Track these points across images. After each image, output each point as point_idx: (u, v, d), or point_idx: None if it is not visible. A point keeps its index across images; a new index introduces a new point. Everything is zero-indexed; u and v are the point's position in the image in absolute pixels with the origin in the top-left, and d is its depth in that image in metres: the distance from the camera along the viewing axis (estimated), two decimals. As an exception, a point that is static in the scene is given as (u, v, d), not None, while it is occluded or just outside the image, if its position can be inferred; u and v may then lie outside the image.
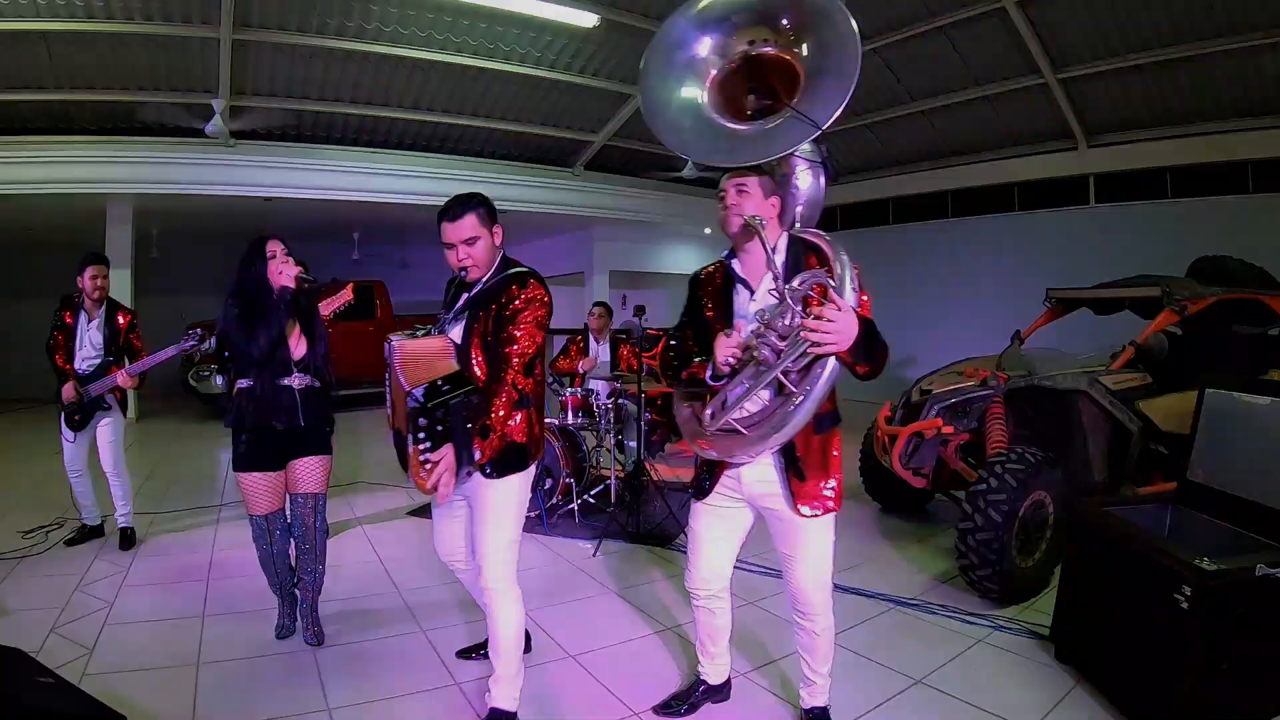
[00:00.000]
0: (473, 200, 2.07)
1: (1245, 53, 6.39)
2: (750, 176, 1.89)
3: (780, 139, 1.93)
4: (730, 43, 2.09)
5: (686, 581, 2.14)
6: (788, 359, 1.70)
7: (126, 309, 3.78)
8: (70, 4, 5.79)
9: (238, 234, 11.20)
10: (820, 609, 1.97)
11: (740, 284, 1.96)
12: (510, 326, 1.96)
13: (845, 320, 1.63)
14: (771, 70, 2.07)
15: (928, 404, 3.84)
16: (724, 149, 2.04)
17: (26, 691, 1.72)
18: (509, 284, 2.02)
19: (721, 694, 2.29)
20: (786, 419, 1.73)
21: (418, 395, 1.84)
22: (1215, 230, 6.90)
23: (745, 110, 2.13)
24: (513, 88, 7.98)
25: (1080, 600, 2.54)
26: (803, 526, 1.90)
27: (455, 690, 2.35)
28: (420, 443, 1.85)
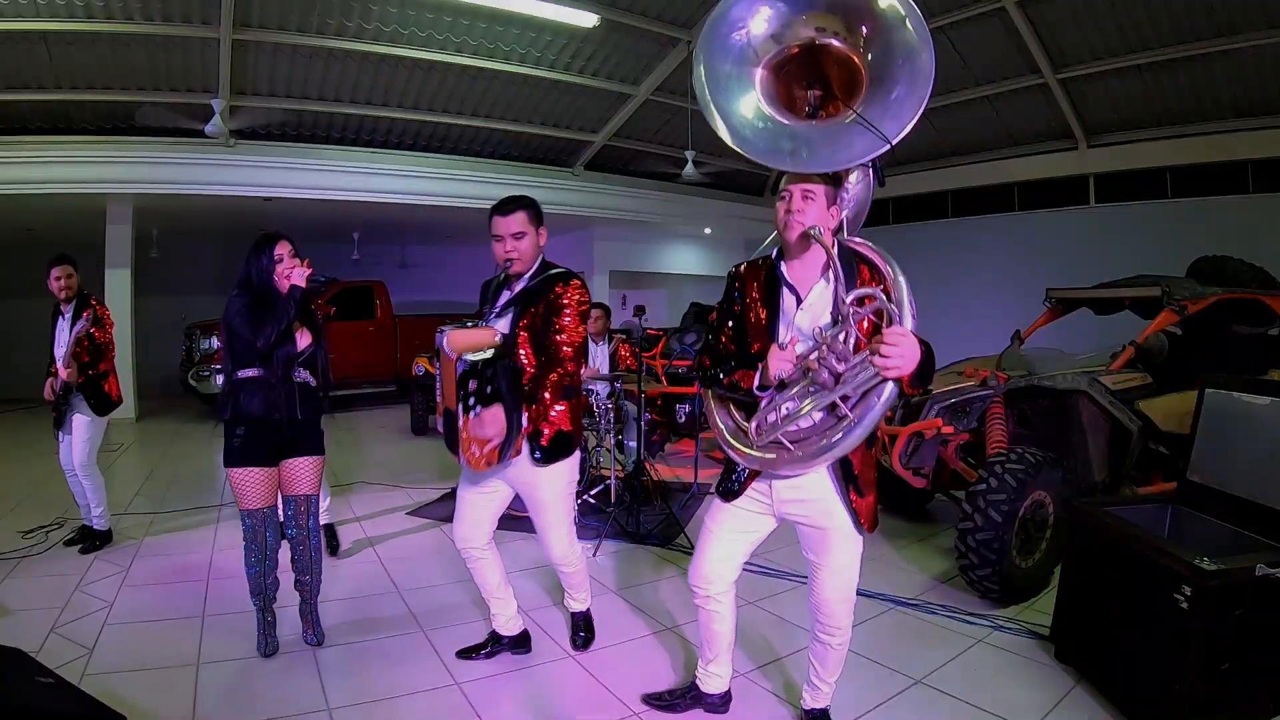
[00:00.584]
0: (524, 200, 2.29)
1: (1245, 53, 6.40)
2: (819, 183, 1.82)
3: (846, 149, 1.82)
4: (795, 24, 1.93)
5: (690, 576, 2.07)
6: (848, 385, 1.66)
7: (96, 300, 3.68)
8: (70, 4, 5.80)
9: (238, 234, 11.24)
10: (843, 622, 1.95)
11: (788, 289, 1.87)
12: (557, 319, 2.17)
13: (909, 345, 1.59)
14: (831, 66, 1.95)
15: (928, 404, 3.83)
16: (785, 150, 1.90)
17: (26, 691, 1.72)
18: (554, 282, 2.24)
19: (719, 707, 2.21)
20: (839, 441, 1.69)
21: (467, 359, 1.99)
22: (1215, 230, 6.90)
23: (800, 104, 2.01)
24: (513, 88, 7.98)
25: (1080, 600, 2.54)
26: (841, 539, 1.87)
27: (455, 690, 2.35)
28: (470, 409, 2.02)
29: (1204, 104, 7.19)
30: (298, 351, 2.58)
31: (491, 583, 2.51)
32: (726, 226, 11.58)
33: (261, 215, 8.91)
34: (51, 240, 9.66)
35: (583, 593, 2.66)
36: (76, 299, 3.61)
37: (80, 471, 3.64)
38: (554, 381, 2.14)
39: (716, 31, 2.00)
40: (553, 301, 2.21)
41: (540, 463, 2.23)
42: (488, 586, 2.51)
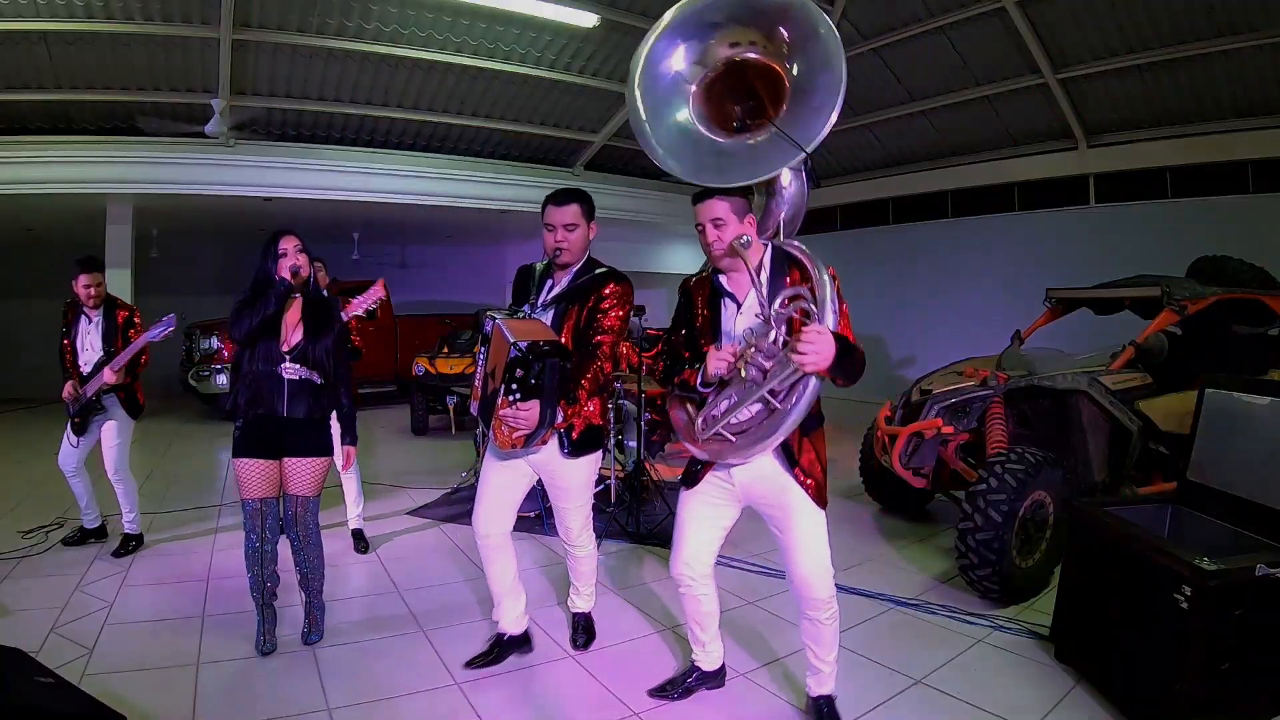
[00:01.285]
0: (579, 193, 2.32)
1: (1245, 53, 6.39)
2: (721, 204, 1.97)
3: (767, 159, 1.96)
4: (711, 47, 2.09)
5: (671, 569, 2.20)
6: (774, 379, 1.81)
7: (125, 304, 3.73)
8: (70, 4, 5.79)
9: (238, 234, 11.26)
10: (825, 594, 2.01)
11: (727, 297, 2.04)
12: (602, 318, 2.22)
13: (823, 342, 1.72)
14: (757, 78, 2.07)
15: (928, 404, 3.84)
16: (712, 167, 2.07)
17: (26, 691, 1.72)
18: (603, 281, 2.27)
19: (716, 680, 2.35)
20: (773, 430, 1.84)
21: (521, 346, 1.99)
22: (1215, 230, 6.89)
23: (732, 120, 2.14)
24: (513, 88, 7.97)
25: (1080, 600, 2.54)
26: (802, 512, 1.97)
27: (455, 690, 2.35)
28: (511, 392, 2.03)
29: (1204, 104, 7.18)
30: (281, 346, 2.55)
31: (505, 579, 2.52)
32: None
33: (261, 215, 8.90)
34: (51, 240, 9.68)
35: (588, 589, 2.69)
36: (105, 302, 3.62)
37: (116, 476, 3.61)
38: (590, 379, 2.17)
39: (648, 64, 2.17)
40: (600, 300, 2.24)
41: (569, 455, 2.29)
42: (502, 582, 2.52)
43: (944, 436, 3.76)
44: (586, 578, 2.66)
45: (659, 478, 4.85)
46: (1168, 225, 7.56)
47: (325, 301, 2.76)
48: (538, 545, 3.89)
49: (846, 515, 4.54)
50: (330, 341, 2.65)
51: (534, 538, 3.99)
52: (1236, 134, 7.16)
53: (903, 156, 9.83)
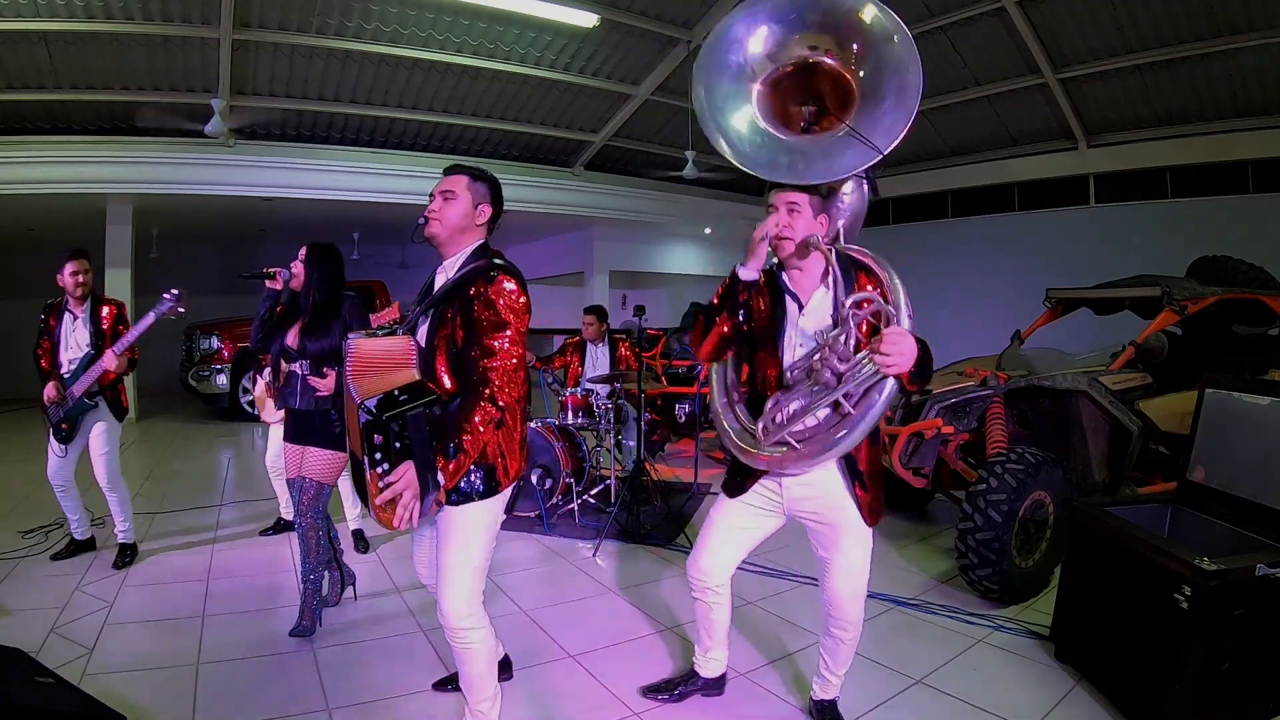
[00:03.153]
0: (473, 168, 1.91)
1: (1245, 53, 6.40)
2: (802, 194, 1.90)
3: (841, 160, 1.91)
4: (789, 44, 2.04)
5: (689, 569, 2.13)
6: (850, 383, 1.73)
7: (112, 301, 3.51)
8: (70, 4, 5.79)
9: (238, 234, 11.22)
10: (855, 617, 2.00)
11: (790, 297, 1.95)
12: (486, 338, 1.70)
13: (907, 344, 1.66)
14: (824, 82, 2.04)
15: (928, 404, 3.83)
16: (784, 165, 2.00)
17: (26, 691, 1.72)
18: (475, 280, 1.75)
19: (715, 689, 2.32)
20: (844, 437, 1.76)
21: (370, 406, 1.60)
22: (1215, 230, 6.90)
23: (795, 120, 2.09)
24: (513, 88, 7.98)
25: (1080, 600, 2.54)
26: (852, 534, 1.93)
27: (455, 691, 2.34)
28: (377, 464, 1.61)
29: (1204, 104, 7.19)
30: (286, 346, 2.80)
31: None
32: (726, 226, 11.58)
33: (261, 215, 8.91)
34: (51, 240, 9.66)
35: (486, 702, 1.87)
36: (90, 298, 3.42)
37: (108, 485, 3.44)
38: (477, 423, 1.65)
39: (715, 51, 2.09)
40: (470, 304, 1.72)
41: (455, 503, 1.77)
42: None
43: (944, 436, 3.75)
44: (478, 680, 1.85)
45: (659, 478, 4.86)
46: (1168, 225, 7.57)
47: (330, 304, 2.81)
48: (538, 545, 3.89)
49: (846, 515, 4.53)
50: (336, 341, 2.71)
51: (534, 537, 3.99)
52: (1236, 134, 7.17)
53: (903, 157, 9.83)
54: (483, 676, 1.86)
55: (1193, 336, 4.48)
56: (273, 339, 2.83)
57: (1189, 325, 4.30)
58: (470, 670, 1.84)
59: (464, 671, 1.87)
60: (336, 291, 2.85)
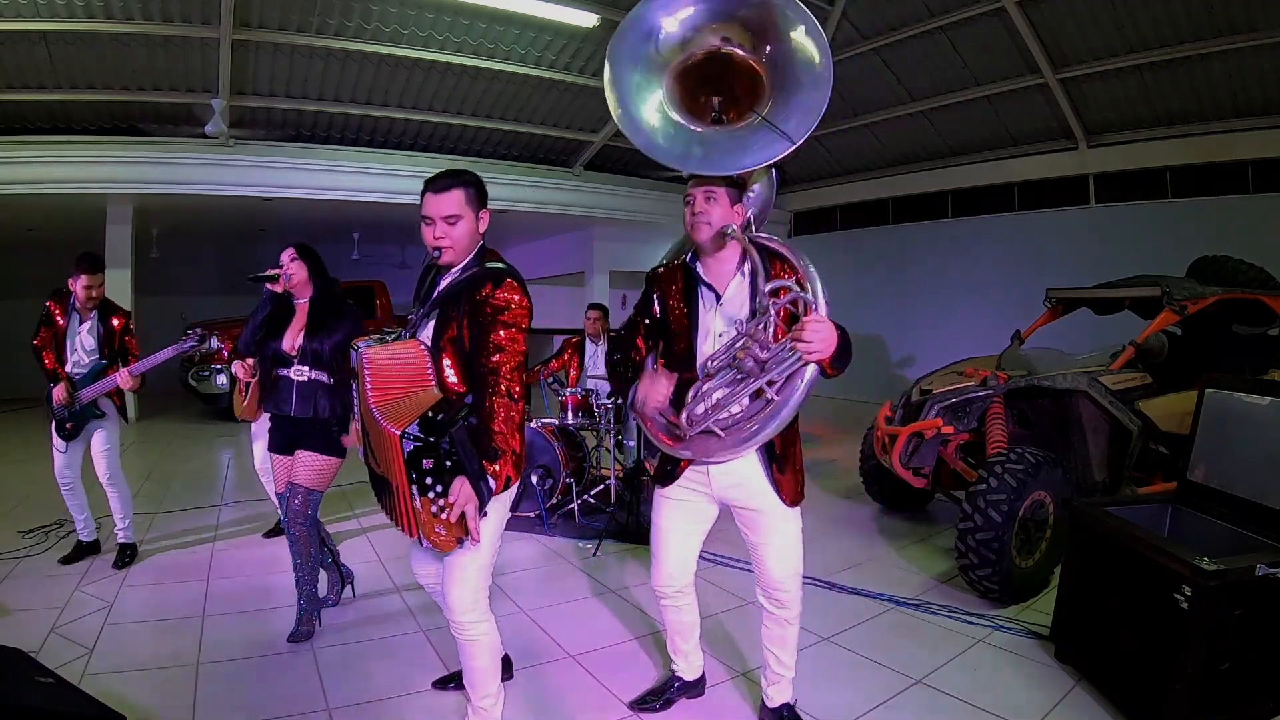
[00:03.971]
0: (464, 176, 1.86)
1: (1245, 53, 6.39)
2: (719, 185, 1.92)
3: (754, 150, 1.93)
4: (701, 32, 2.03)
5: (652, 580, 2.14)
6: (773, 370, 1.76)
7: (121, 310, 3.58)
8: (70, 4, 5.79)
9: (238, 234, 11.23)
10: (794, 596, 2.00)
11: (705, 287, 1.96)
12: (492, 335, 1.72)
13: (827, 330, 1.69)
14: (735, 74, 2.05)
15: (928, 404, 3.83)
16: (696, 155, 2.01)
17: (26, 691, 1.72)
18: (482, 283, 1.77)
19: (696, 689, 2.31)
20: (766, 423, 1.78)
21: (414, 433, 1.60)
22: (1215, 230, 6.89)
23: (704, 109, 2.09)
24: (513, 88, 7.98)
25: (1080, 600, 2.54)
26: (779, 516, 1.94)
27: (455, 690, 2.34)
28: (428, 490, 1.61)
29: (1204, 104, 7.18)
30: (288, 350, 2.69)
31: None
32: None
33: (261, 215, 8.91)
34: (51, 240, 9.68)
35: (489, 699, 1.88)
36: (99, 304, 3.46)
37: (109, 482, 3.47)
38: (502, 419, 1.68)
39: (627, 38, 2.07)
40: (479, 307, 1.74)
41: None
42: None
43: (944, 436, 3.76)
44: (482, 678, 1.87)
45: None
46: (1168, 225, 7.56)
47: (331, 302, 2.78)
48: (538, 545, 3.89)
49: (846, 515, 4.54)
50: (339, 339, 2.68)
51: (534, 538, 3.99)
52: (1236, 134, 7.16)
53: (903, 156, 9.83)
54: (486, 671, 1.87)
55: (1193, 336, 4.48)
56: (267, 342, 2.74)
57: (1189, 325, 4.30)
58: (474, 664, 1.86)
59: (467, 666, 1.88)
60: (332, 285, 2.82)
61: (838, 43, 7.81)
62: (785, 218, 11.65)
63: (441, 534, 1.65)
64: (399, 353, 1.78)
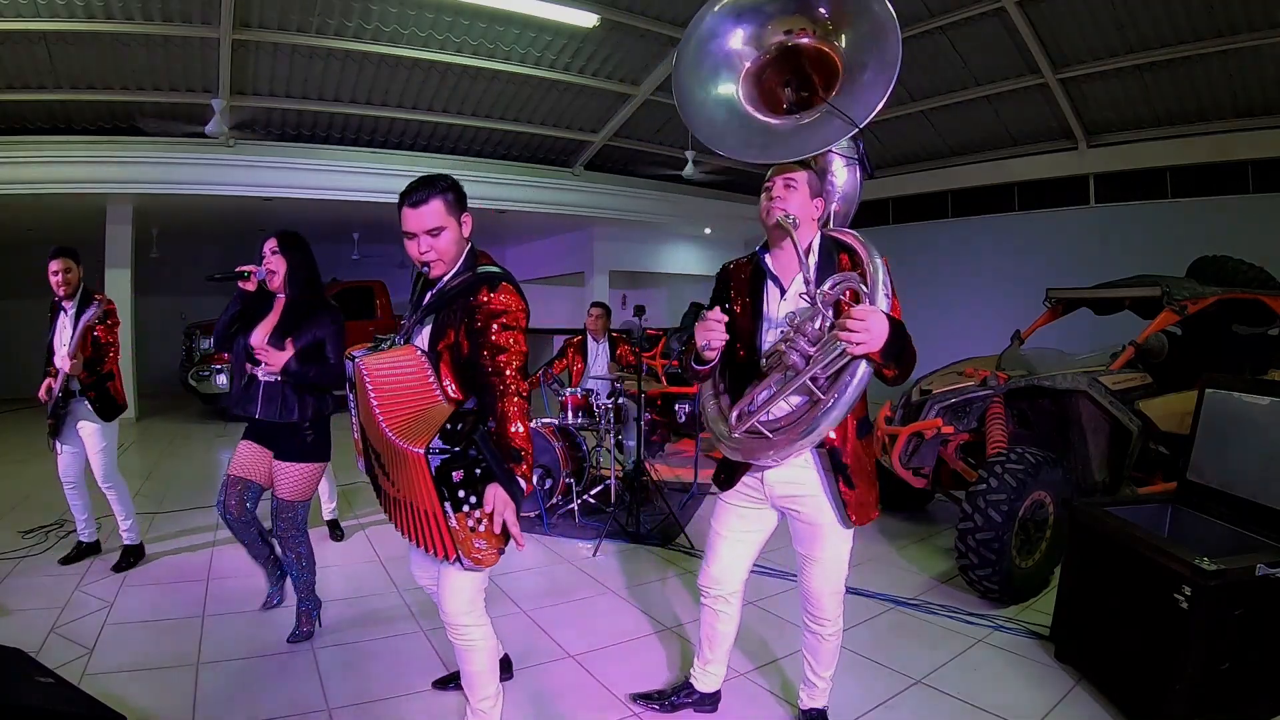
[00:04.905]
0: (439, 183, 1.81)
1: (1245, 53, 6.40)
2: (800, 172, 1.86)
3: (816, 136, 1.88)
4: (765, 33, 2.03)
5: (699, 578, 2.10)
6: (817, 365, 1.66)
7: (100, 298, 3.41)
8: (70, 4, 5.79)
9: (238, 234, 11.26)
10: (833, 614, 1.96)
11: (771, 280, 1.90)
12: (495, 338, 1.70)
13: (875, 321, 1.57)
14: (810, 62, 2.02)
15: (928, 404, 3.83)
16: (758, 144, 1.98)
17: (26, 691, 1.72)
18: (477, 288, 1.75)
19: (708, 704, 2.23)
20: (815, 424, 1.68)
21: (439, 446, 1.56)
22: (1215, 230, 6.90)
23: (782, 104, 2.08)
24: (513, 88, 7.98)
25: (1080, 600, 2.54)
26: (831, 534, 1.88)
27: (455, 690, 2.34)
28: (462, 504, 1.57)
29: (1204, 104, 7.19)
30: (250, 344, 2.55)
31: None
32: (726, 226, 11.58)
33: (261, 215, 8.90)
34: (52, 240, 9.65)
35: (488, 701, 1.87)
36: (80, 295, 3.36)
37: (104, 483, 3.40)
38: (515, 417, 1.64)
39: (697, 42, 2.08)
40: (475, 312, 1.72)
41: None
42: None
43: (944, 436, 3.76)
44: (480, 680, 1.86)
45: (659, 478, 4.86)
46: (1168, 225, 7.56)
47: (309, 301, 2.61)
48: (538, 545, 3.89)
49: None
50: (307, 342, 2.54)
51: (534, 538, 3.99)
52: (1236, 134, 7.17)
53: (903, 156, 9.83)
54: (483, 674, 1.86)
55: (1193, 336, 4.48)
56: (235, 338, 2.60)
57: (1189, 325, 4.30)
58: (472, 668, 1.85)
59: (465, 669, 1.87)
60: (315, 282, 2.64)
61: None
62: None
63: (482, 548, 1.61)
64: (398, 361, 1.73)
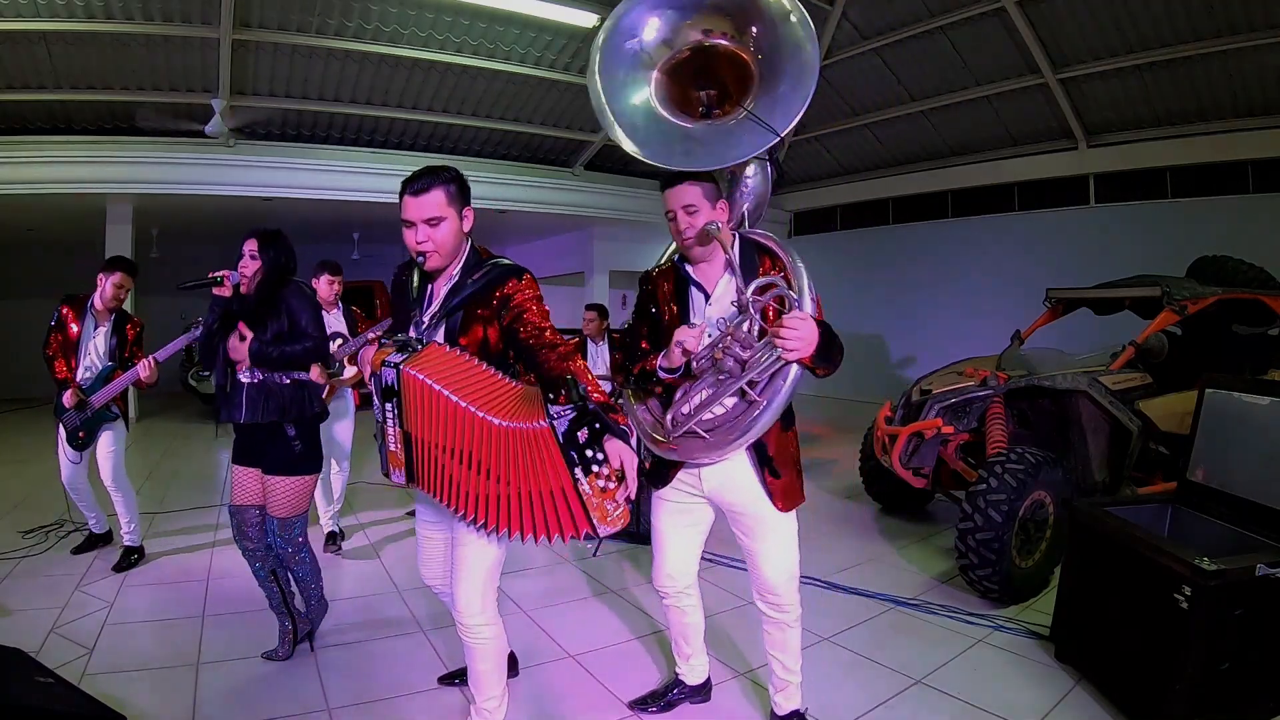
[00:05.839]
0: (443, 174, 1.77)
1: (1245, 53, 6.40)
2: (693, 189, 1.87)
3: (739, 144, 1.90)
4: (683, 29, 2.01)
5: (654, 580, 2.12)
6: (753, 370, 1.71)
7: (135, 319, 3.54)
8: (70, 4, 5.80)
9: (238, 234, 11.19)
10: (791, 599, 1.97)
11: (695, 287, 1.95)
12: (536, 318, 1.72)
13: (808, 329, 1.66)
14: (723, 66, 2.02)
15: (928, 404, 3.83)
16: (680, 151, 1.97)
17: (26, 691, 1.72)
18: (505, 280, 1.74)
19: (701, 695, 2.28)
20: (750, 425, 1.74)
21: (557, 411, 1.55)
22: (1215, 230, 6.90)
23: (694, 104, 2.07)
24: (513, 88, 7.98)
25: (1080, 600, 2.54)
26: (770, 523, 1.91)
27: (455, 690, 2.35)
28: (591, 464, 1.56)
29: (1204, 104, 7.19)
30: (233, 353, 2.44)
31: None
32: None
33: (261, 215, 8.89)
34: (51, 240, 9.68)
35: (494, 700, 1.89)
36: (118, 312, 3.44)
37: (114, 485, 3.43)
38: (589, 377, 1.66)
39: (611, 41, 2.06)
40: (508, 301, 1.73)
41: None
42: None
43: (944, 436, 3.76)
44: (487, 679, 1.87)
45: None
46: (1168, 225, 7.56)
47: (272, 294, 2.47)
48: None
49: (846, 515, 4.54)
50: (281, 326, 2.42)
51: (534, 538, 3.98)
52: (1236, 134, 7.17)
53: (903, 156, 9.84)
54: (490, 674, 1.87)
55: (1193, 336, 4.48)
56: (217, 351, 2.45)
57: (1189, 325, 4.30)
58: (480, 666, 1.86)
59: (473, 668, 1.88)
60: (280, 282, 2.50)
61: (838, 43, 7.82)
62: (785, 218, 11.65)
63: (613, 507, 1.60)
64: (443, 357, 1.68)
